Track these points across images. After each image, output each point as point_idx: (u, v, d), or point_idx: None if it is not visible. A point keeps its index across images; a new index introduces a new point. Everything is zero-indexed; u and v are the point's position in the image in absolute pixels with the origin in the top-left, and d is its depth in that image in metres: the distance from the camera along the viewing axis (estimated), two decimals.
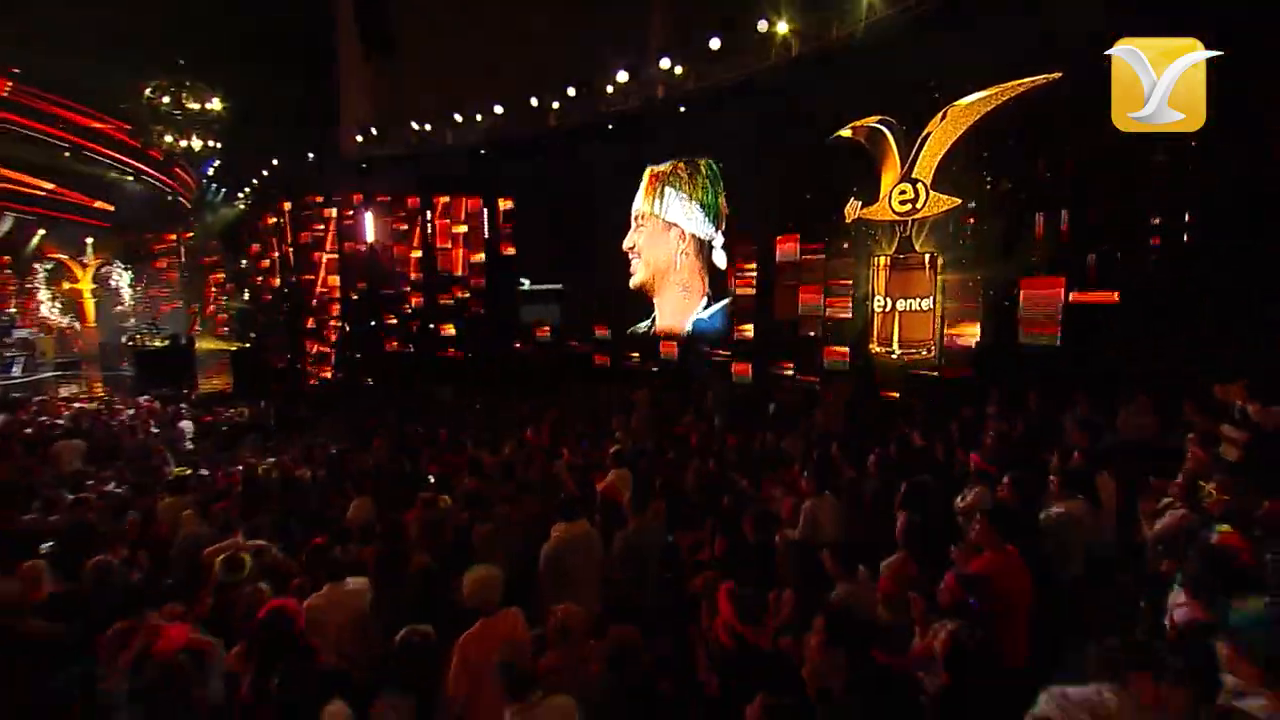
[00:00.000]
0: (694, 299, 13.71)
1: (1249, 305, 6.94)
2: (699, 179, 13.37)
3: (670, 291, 14.09)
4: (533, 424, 10.08)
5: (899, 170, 9.87)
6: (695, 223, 13.43)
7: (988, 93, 8.81)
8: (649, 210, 14.09)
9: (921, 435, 6.92)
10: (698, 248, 13.50)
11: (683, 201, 13.56)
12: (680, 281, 13.83)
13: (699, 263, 13.54)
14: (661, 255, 13.97)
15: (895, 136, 9.89)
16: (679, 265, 13.77)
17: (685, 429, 8.65)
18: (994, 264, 8.90)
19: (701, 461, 6.93)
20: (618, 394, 12.37)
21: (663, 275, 14.05)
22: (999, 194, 8.84)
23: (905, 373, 9.94)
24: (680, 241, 13.68)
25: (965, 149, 9.12)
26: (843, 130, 10.63)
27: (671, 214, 13.75)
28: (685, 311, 13.84)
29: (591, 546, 4.62)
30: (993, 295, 8.97)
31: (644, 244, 14.23)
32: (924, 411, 8.21)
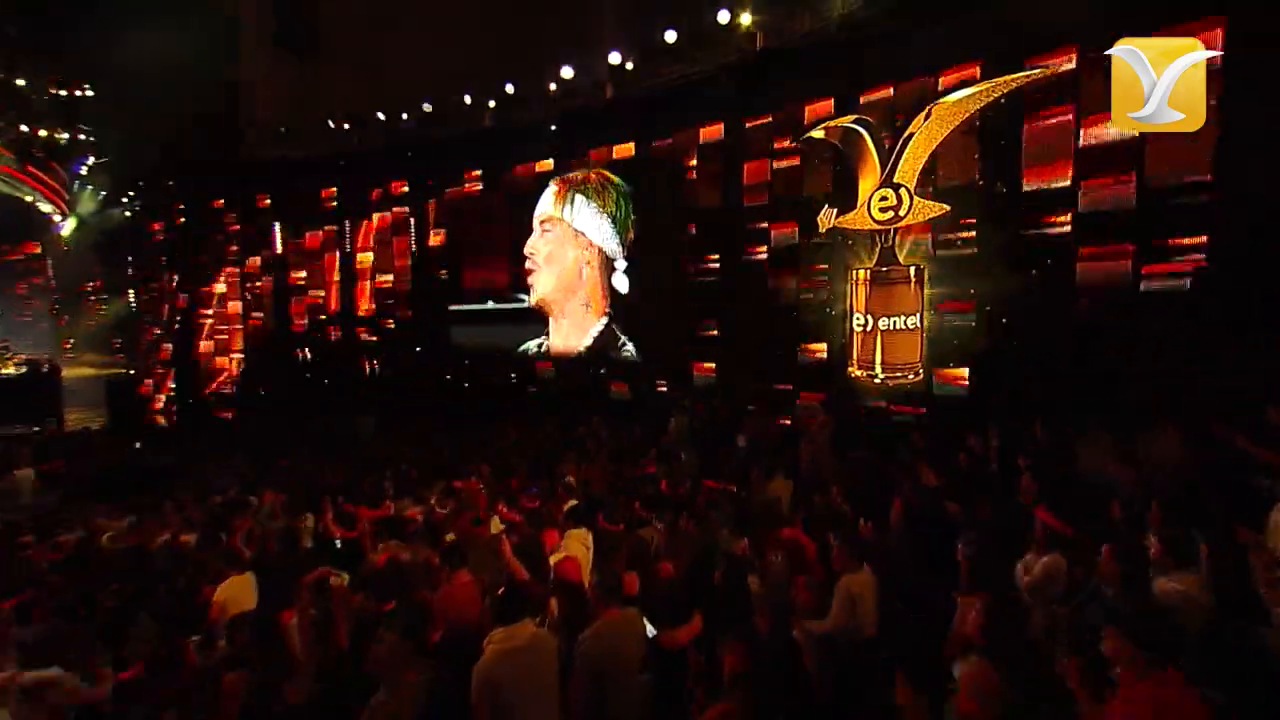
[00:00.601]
0: (593, 317, 12.70)
1: (1252, 305, 6.40)
2: (611, 192, 12.42)
3: (571, 307, 12.98)
4: (469, 466, 8.69)
5: (878, 174, 9.08)
6: (604, 236, 12.45)
7: (978, 88, 8.13)
8: (557, 214, 12.93)
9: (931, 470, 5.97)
10: (602, 263, 12.50)
11: (594, 212, 12.54)
12: (582, 298, 12.79)
13: (601, 280, 12.53)
14: (567, 265, 12.85)
15: (873, 137, 9.12)
16: (583, 277, 12.69)
17: (647, 471, 7.43)
18: (989, 276, 8.15)
19: (674, 516, 5.74)
20: (566, 426, 11.10)
21: (567, 289, 12.91)
22: (993, 199, 8.12)
23: (889, 399, 9.08)
24: (586, 252, 12.62)
25: (954, 150, 8.40)
26: (814, 130, 9.82)
27: (581, 221, 12.67)
28: (584, 328, 12.81)
29: (542, 662, 3.32)
30: (989, 311, 8.22)
31: (549, 251, 13.03)
32: (926, 441, 7.31)
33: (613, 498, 6.30)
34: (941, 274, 8.61)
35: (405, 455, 11.34)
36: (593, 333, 12.88)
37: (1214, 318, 6.56)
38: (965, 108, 8.24)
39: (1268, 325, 6.22)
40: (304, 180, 17.02)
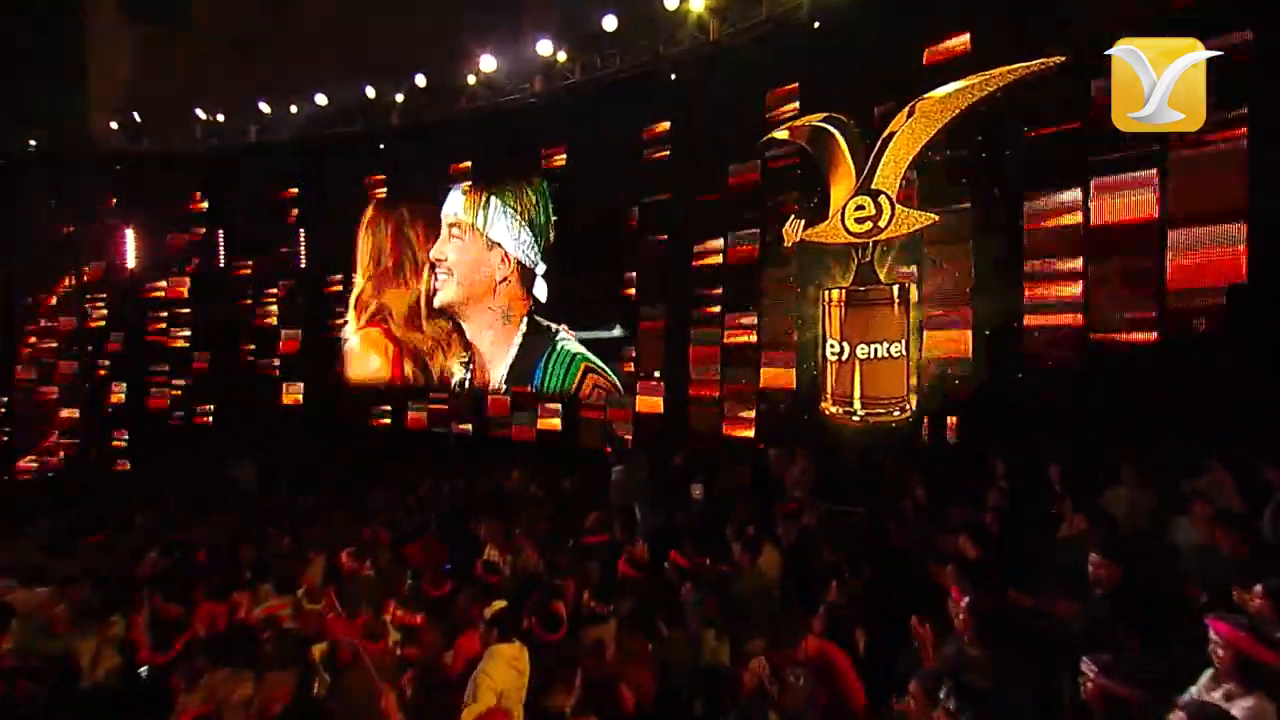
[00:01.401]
0: (513, 327, 11.38)
1: None
2: (530, 198, 11.22)
3: (483, 317, 11.61)
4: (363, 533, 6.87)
5: (854, 180, 8.07)
6: (523, 247, 11.24)
7: (968, 82, 7.25)
8: (470, 220, 11.54)
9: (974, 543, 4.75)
10: (521, 275, 11.27)
11: (511, 219, 11.28)
12: (499, 308, 11.51)
13: (521, 290, 11.31)
14: (480, 278, 11.49)
15: (847, 139, 8.12)
16: (498, 292, 11.39)
17: (591, 540, 5.83)
18: (988, 295, 7.21)
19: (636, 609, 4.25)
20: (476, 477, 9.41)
21: (477, 299, 11.58)
22: (990, 206, 7.23)
23: (872, 438, 7.96)
24: (503, 264, 11.33)
25: (943, 152, 7.50)
26: (777, 131, 8.76)
27: (498, 231, 11.35)
28: (505, 339, 11.44)
29: None
30: (987, 335, 7.26)
31: (458, 258, 11.61)
32: (925, 485, 6.17)
33: (551, 584, 4.72)
34: (931, 294, 7.62)
35: (284, 517, 9.26)
36: (513, 349, 11.40)
37: (1255, 344, 5.78)
38: (955, 104, 7.36)
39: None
40: (164, 179, 14.58)
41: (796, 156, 8.70)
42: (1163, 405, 6.15)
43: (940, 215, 7.47)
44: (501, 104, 11.81)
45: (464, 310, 11.75)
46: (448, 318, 11.87)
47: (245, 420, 14.55)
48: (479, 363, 11.82)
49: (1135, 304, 6.44)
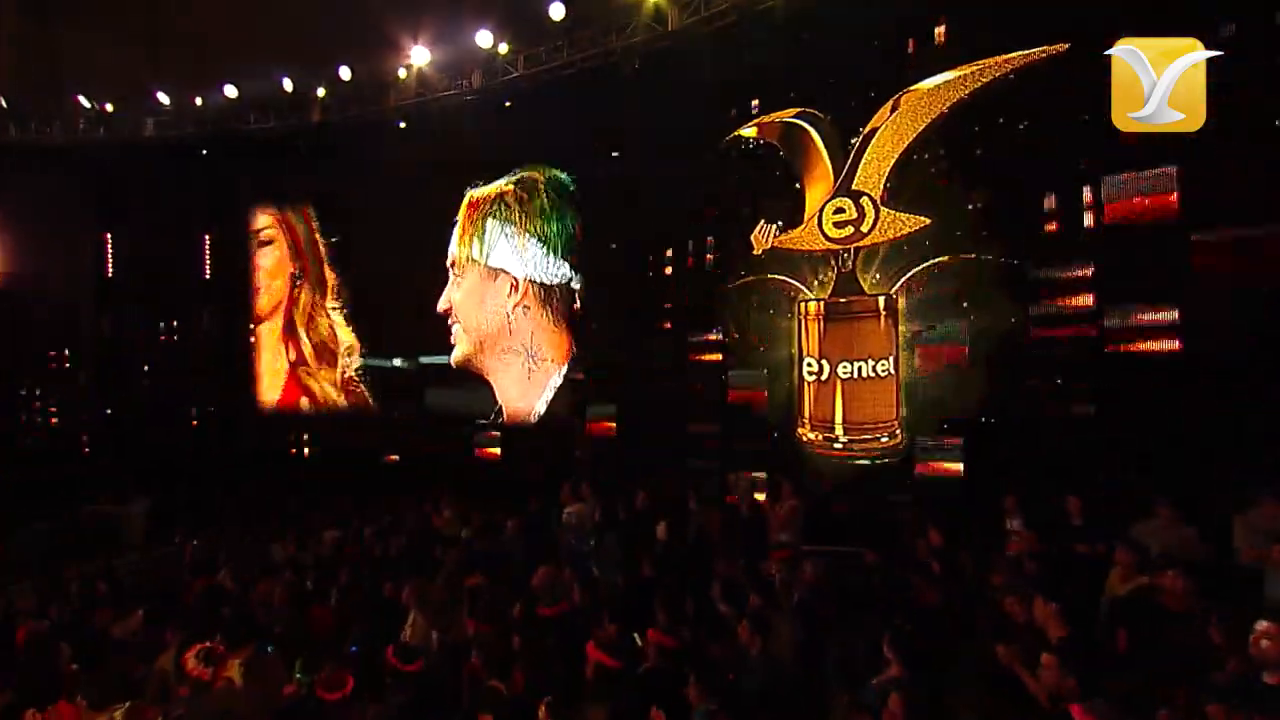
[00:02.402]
0: (549, 369, 9.50)
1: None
2: (536, 202, 9.49)
3: (507, 364, 9.70)
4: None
5: (831, 181, 7.11)
6: (533, 264, 9.46)
7: (960, 72, 6.42)
8: (465, 255, 9.83)
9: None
10: (543, 297, 9.46)
11: (510, 238, 9.57)
12: (521, 348, 9.57)
13: (549, 318, 9.45)
14: (488, 316, 9.68)
15: (823, 135, 7.18)
16: (514, 327, 9.54)
17: (553, 606, 4.40)
18: (988, 305, 6.28)
19: None
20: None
21: (491, 345, 9.71)
22: (987, 208, 6.33)
23: (856, 468, 6.88)
24: (511, 293, 9.51)
25: (933, 148, 6.59)
26: (744, 129, 7.74)
27: (498, 257, 9.64)
28: (538, 386, 9.56)
29: None
30: (986, 349, 6.31)
31: (461, 302, 9.80)
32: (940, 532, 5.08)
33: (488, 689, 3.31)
34: (921, 305, 6.65)
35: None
36: (548, 393, 9.47)
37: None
38: (945, 97, 6.50)
39: None
40: (38, 179, 12.35)
41: (766, 156, 7.64)
42: (1187, 424, 5.31)
43: (932, 219, 6.53)
44: (433, 101, 10.34)
45: (481, 362, 9.82)
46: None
47: (131, 449, 12.34)
48: (507, 407, 9.87)
49: (1155, 312, 5.61)
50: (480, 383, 9.89)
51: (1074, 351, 5.89)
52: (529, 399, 9.59)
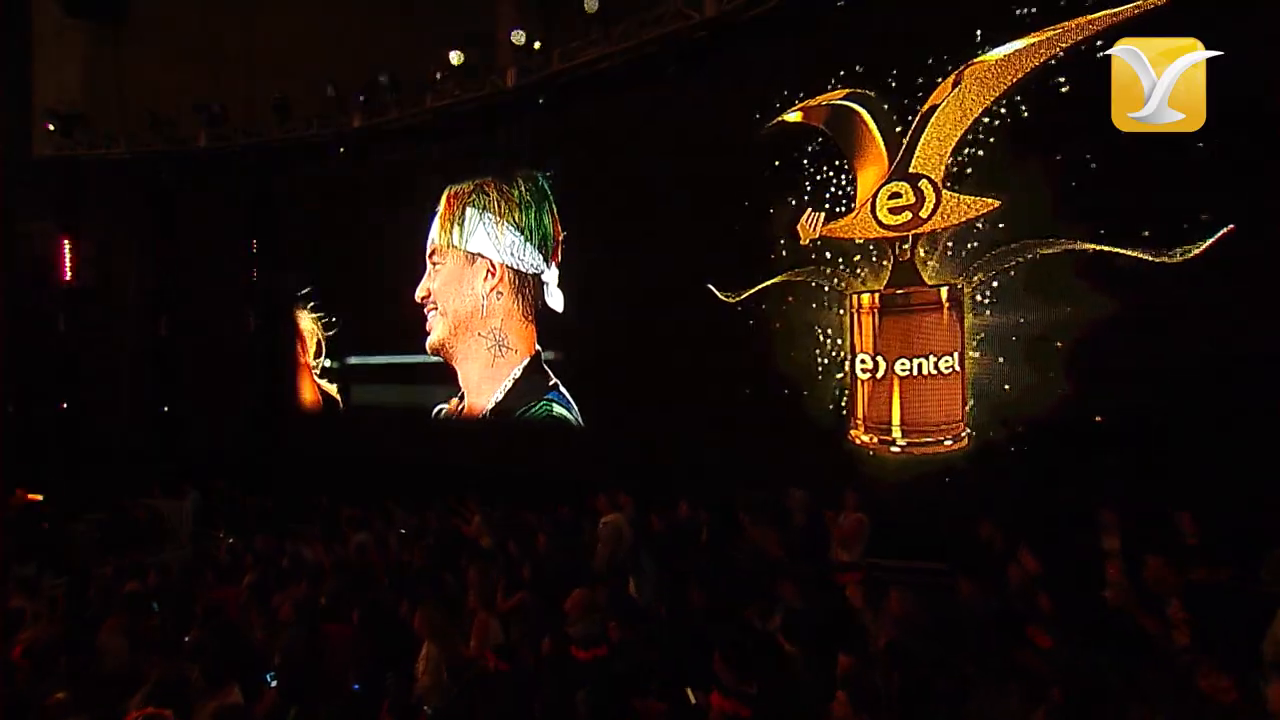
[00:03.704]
0: (512, 359, 9.26)
1: None
2: (515, 196, 9.33)
3: (474, 350, 9.52)
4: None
5: (886, 163, 6.28)
6: (509, 251, 9.27)
7: (1032, 40, 5.51)
8: (445, 242, 9.77)
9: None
10: (517, 285, 9.24)
11: (489, 225, 9.41)
12: (490, 334, 9.39)
13: (519, 307, 9.23)
14: (464, 300, 9.56)
15: (876, 116, 6.35)
16: (487, 310, 9.36)
17: (592, 649, 3.66)
18: (1068, 297, 5.34)
19: None
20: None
21: (464, 328, 9.59)
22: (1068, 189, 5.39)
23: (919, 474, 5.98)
24: (488, 278, 9.34)
25: (1001, 124, 5.69)
26: (788, 114, 6.95)
27: (476, 242, 9.50)
28: (498, 377, 9.33)
29: None
30: (1065, 347, 5.36)
31: (440, 288, 9.74)
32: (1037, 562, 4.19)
33: None
34: (992, 296, 5.73)
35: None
36: (507, 383, 9.19)
37: None
38: (1016, 67, 5.60)
39: None
40: (105, 189, 12.32)
41: (812, 142, 6.82)
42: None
43: (1003, 200, 5.63)
44: (471, 100, 9.82)
45: (453, 347, 9.73)
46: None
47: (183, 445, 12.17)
48: (468, 390, 9.75)
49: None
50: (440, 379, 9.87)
51: (1181, 348, 4.89)
52: (486, 390, 9.39)
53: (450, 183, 9.86)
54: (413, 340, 10.09)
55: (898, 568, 5.57)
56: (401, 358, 10.49)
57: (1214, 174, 4.82)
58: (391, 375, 10.80)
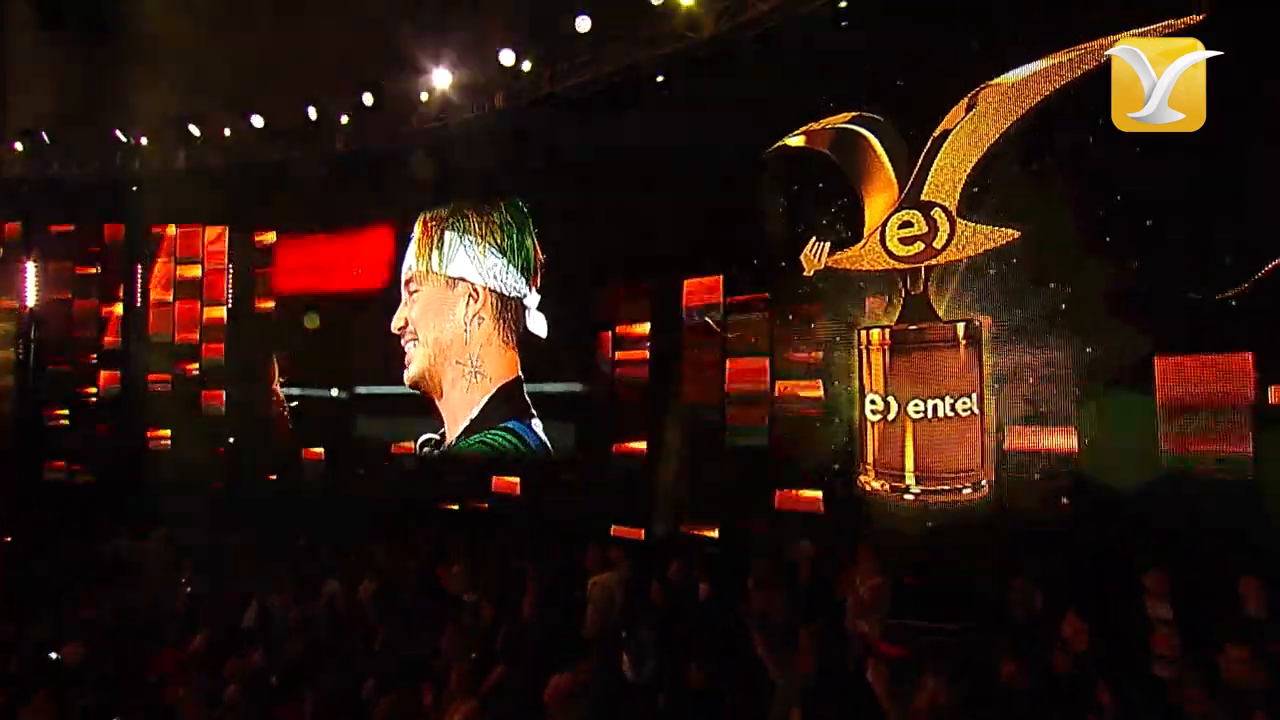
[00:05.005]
0: (485, 386, 8.69)
1: None
2: (495, 215, 8.83)
3: (454, 380, 8.86)
4: None
5: (896, 190, 5.81)
6: (492, 274, 8.74)
7: (1053, 61, 5.09)
8: (424, 268, 9.11)
9: None
10: (499, 309, 8.68)
11: (470, 247, 8.87)
12: (468, 359, 8.76)
13: (499, 332, 8.67)
14: (445, 327, 8.90)
15: (885, 140, 5.89)
16: (469, 338, 8.75)
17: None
18: (1099, 334, 4.85)
19: None
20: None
21: (444, 357, 8.91)
22: (1095, 218, 4.93)
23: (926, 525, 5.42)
24: (470, 302, 8.74)
25: (1020, 150, 5.24)
26: (790, 138, 6.48)
27: (457, 266, 8.91)
28: (471, 397, 8.76)
29: None
30: (1097, 388, 4.86)
31: (419, 315, 9.02)
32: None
33: None
34: (1012, 331, 5.23)
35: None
36: (474, 411, 8.67)
37: None
38: (1034, 91, 5.16)
39: None
40: (73, 207, 11.65)
41: (815, 167, 6.35)
42: None
43: (1023, 232, 5.15)
44: (458, 122, 9.31)
45: (434, 378, 8.96)
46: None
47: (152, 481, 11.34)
48: (447, 422, 9.09)
49: None
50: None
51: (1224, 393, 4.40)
52: (462, 420, 8.76)
53: (424, 209, 9.31)
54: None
55: (916, 627, 5.04)
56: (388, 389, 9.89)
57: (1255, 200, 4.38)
58: (377, 408, 10.12)
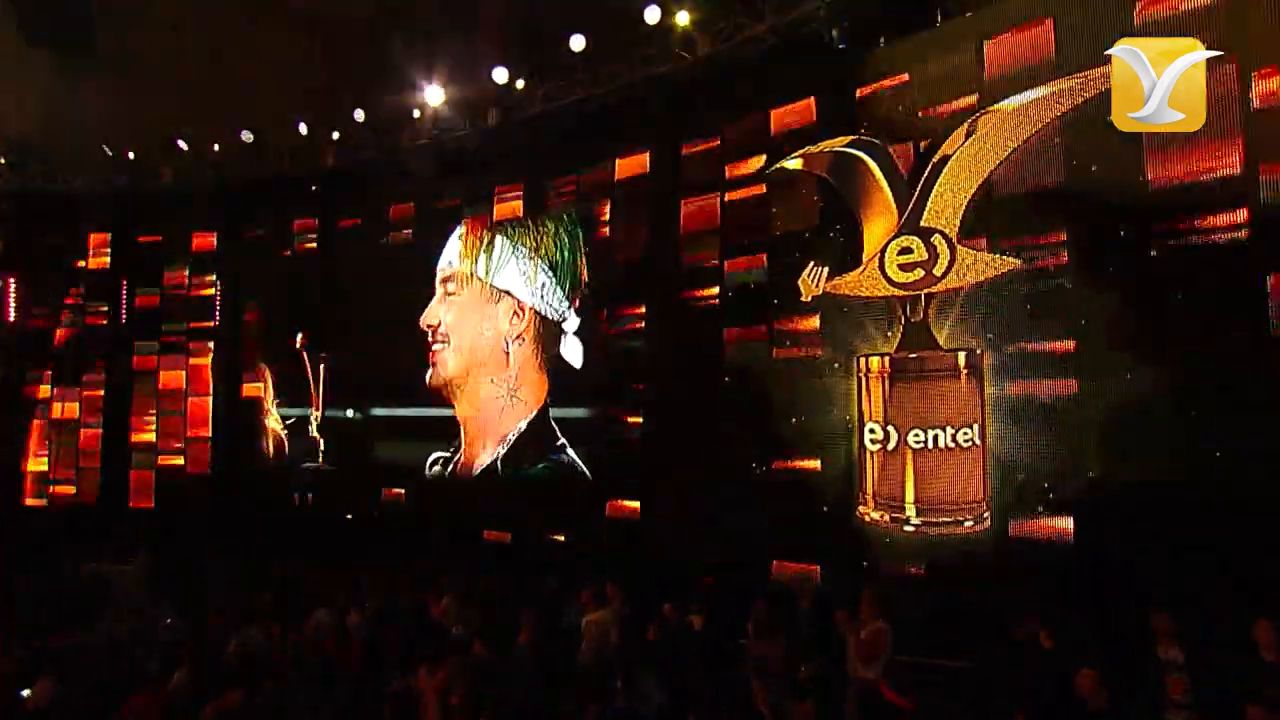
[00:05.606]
0: (522, 410, 8.15)
1: None
2: (551, 226, 8.22)
3: (483, 396, 8.32)
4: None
5: (895, 216, 5.68)
6: (540, 294, 8.15)
7: (1054, 88, 4.98)
8: (469, 270, 8.53)
9: None
10: (540, 332, 8.16)
11: (523, 260, 8.27)
12: (504, 381, 8.22)
13: (538, 357, 8.16)
14: (483, 338, 8.34)
15: (883, 164, 5.76)
16: (509, 357, 8.18)
17: None
18: (1105, 366, 4.72)
19: None
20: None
21: (479, 369, 8.37)
22: (1099, 245, 4.81)
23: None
24: (515, 319, 8.18)
25: (1022, 177, 5.13)
26: (787, 161, 6.35)
27: (505, 278, 8.32)
28: (505, 429, 8.17)
29: None
30: (1108, 421, 4.72)
31: (455, 320, 8.48)
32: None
33: None
34: (1015, 362, 5.10)
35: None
36: (511, 437, 8.11)
37: None
38: (1034, 117, 5.05)
39: None
40: (56, 226, 11.38)
41: (813, 190, 6.23)
42: None
43: (1023, 260, 5.03)
44: (450, 139, 9.15)
45: (460, 388, 8.45)
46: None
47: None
48: (467, 441, 8.53)
49: None
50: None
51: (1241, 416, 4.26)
52: (489, 444, 8.22)
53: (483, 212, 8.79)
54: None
55: (917, 664, 4.88)
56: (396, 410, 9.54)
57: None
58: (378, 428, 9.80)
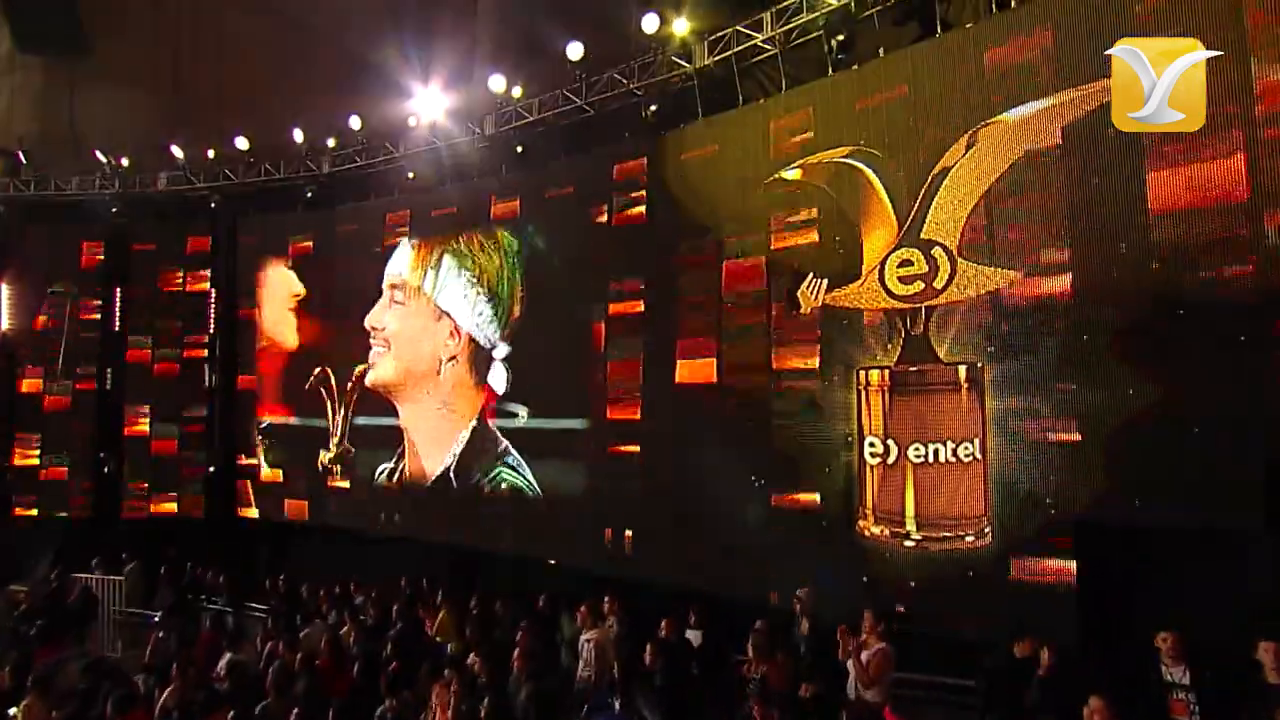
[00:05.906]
0: (457, 423, 8.51)
1: None
2: (494, 257, 8.47)
3: (423, 403, 8.76)
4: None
5: (895, 228, 5.62)
6: (475, 322, 8.48)
7: (1055, 100, 4.92)
8: (416, 283, 8.92)
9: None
10: (472, 354, 8.49)
11: (468, 285, 8.57)
12: (439, 395, 8.64)
13: (472, 377, 8.48)
14: (422, 354, 8.76)
15: (883, 176, 5.70)
16: (443, 376, 8.60)
17: None
18: (1108, 380, 4.65)
19: None
20: None
21: (415, 382, 8.82)
22: (1101, 258, 4.75)
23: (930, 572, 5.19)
24: (451, 341, 8.57)
25: (1023, 189, 5.07)
26: (786, 172, 6.29)
27: (448, 299, 8.66)
28: (445, 435, 8.57)
29: None
30: (1110, 437, 4.64)
31: (398, 329, 8.94)
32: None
33: None
34: (1016, 376, 5.03)
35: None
36: (456, 447, 8.42)
37: None
38: (1036, 130, 4.99)
39: None
40: (45, 233, 11.25)
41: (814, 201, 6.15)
42: None
43: (1025, 273, 4.97)
44: (445, 149, 9.07)
45: (400, 392, 9.00)
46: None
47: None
48: (411, 450, 8.82)
49: None
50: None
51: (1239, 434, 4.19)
52: (435, 454, 8.62)
53: (422, 234, 9.07)
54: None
55: (919, 682, 4.81)
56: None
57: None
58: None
